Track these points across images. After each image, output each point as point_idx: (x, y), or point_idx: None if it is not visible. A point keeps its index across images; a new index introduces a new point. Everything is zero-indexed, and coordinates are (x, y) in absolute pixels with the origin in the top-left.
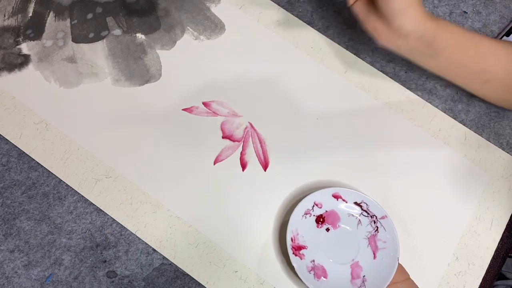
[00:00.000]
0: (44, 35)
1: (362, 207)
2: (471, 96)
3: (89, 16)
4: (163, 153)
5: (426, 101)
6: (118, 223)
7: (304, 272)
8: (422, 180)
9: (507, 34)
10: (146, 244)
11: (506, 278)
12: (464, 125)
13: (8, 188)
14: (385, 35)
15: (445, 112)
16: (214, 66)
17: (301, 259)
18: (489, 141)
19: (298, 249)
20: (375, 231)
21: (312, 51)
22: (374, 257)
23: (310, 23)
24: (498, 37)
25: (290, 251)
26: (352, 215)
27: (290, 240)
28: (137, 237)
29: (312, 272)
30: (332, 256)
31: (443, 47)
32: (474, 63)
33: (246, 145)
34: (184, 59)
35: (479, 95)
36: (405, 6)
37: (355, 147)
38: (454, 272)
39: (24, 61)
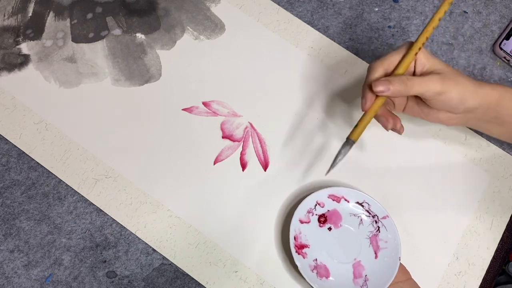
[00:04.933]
0: (44, 35)
1: (364, 207)
2: None
3: (89, 16)
4: (163, 153)
5: None
6: (118, 223)
7: (307, 271)
8: (422, 180)
9: (507, 38)
10: (146, 244)
11: None
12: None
13: (8, 188)
14: (451, 120)
15: None
16: (214, 66)
17: (303, 258)
18: (489, 141)
19: (300, 248)
20: (377, 231)
21: (312, 51)
22: (376, 256)
23: (310, 23)
24: (498, 39)
25: (293, 250)
26: (354, 215)
27: (293, 238)
28: (137, 237)
29: (315, 271)
30: (334, 255)
31: (509, 114)
32: None
33: (246, 145)
34: (184, 59)
35: None
36: (462, 95)
37: (355, 147)
38: (454, 272)
39: (24, 61)
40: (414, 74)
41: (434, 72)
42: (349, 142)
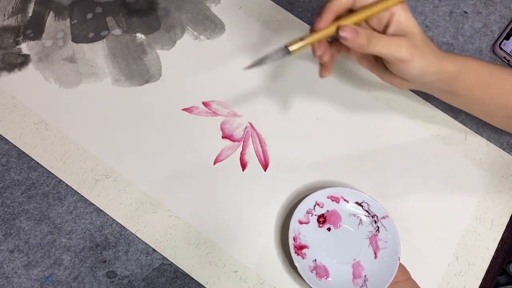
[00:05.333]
0: (44, 35)
1: (363, 207)
2: None
3: (89, 16)
4: (163, 153)
5: (426, 101)
6: (118, 223)
7: (307, 271)
8: (422, 180)
9: (507, 38)
10: (146, 244)
11: None
12: (464, 125)
13: (8, 188)
14: (403, 85)
15: (445, 112)
16: (214, 66)
17: (303, 258)
18: (489, 141)
19: (300, 248)
20: (376, 231)
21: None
22: (375, 256)
23: (310, 23)
24: (498, 39)
25: (292, 251)
26: (354, 215)
27: (292, 239)
28: (137, 237)
29: (314, 272)
30: (333, 256)
31: (464, 88)
32: (497, 101)
33: (246, 145)
34: (184, 59)
35: (504, 129)
36: (423, 70)
37: (355, 147)
38: (454, 272)
39: (24, 61)
40: (386, 28)
41: (407, 35)
42: (285, 50)
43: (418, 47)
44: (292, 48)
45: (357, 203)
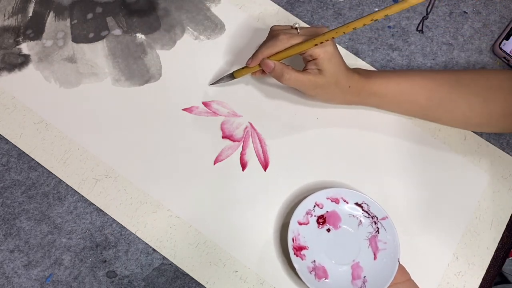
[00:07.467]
0: (44, 35)
1: (363, 208)
2: None
3: (89, 16)
4: (163, 153)
5: None
6: (118, 223)
7: (305, 272)
8: (422, 180)
9: (507, 38)
10: (146, 244)
11: (508, 282)
12: None
13: (8, 188)
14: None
15: None
16: (214, 66)
17: (302, 259)
18: (489, 141)
19: (299, 249)
20: (376, 232)
21: None
22: (375, 258)
23: (310, 23)
24: (498, 39)
25: (291, 252)
26: (353, 216)
27: (291, 240)
28: (137, 237)
29: (313, 273)
30: (333, 257)
31: (375, 106)
32: (405, 107)
33: (246, 145)
34: (184, 59)
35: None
36: (326, 102)
37: (355, 147)
38: (454, 272)
39: (24, 61)
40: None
41: (321, 73)
42: (231, 75)
43: (323, 87)
44: (236, 75)
45: (356, 204)
